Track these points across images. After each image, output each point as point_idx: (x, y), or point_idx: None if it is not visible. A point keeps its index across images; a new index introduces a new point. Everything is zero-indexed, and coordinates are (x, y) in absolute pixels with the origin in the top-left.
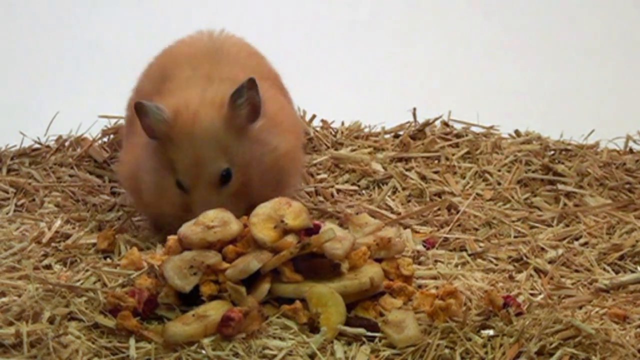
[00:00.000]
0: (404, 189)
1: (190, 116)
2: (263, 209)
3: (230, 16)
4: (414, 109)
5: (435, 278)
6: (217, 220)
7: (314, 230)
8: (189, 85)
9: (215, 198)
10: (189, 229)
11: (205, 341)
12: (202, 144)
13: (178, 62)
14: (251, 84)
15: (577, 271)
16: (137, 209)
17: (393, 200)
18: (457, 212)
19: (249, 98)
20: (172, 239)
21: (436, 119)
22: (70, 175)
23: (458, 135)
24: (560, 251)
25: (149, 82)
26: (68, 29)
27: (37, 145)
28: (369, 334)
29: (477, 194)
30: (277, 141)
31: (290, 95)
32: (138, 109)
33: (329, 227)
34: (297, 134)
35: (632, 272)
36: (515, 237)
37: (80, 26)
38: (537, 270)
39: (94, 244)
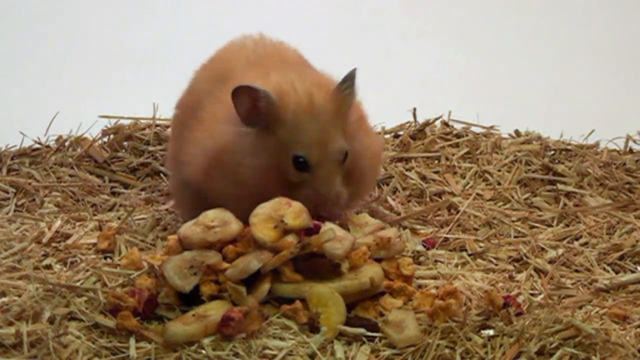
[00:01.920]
0: (404, 189)
1: (303, 96)
2: (263, 209)
3: (230, 16)
4: (414, 109)
5: (435, 278)
6: (217, 220)
7: (314, 230)
8: (284, 77)
9: (339, 177)
10: (189, 229)
11: (206, 341)
12: (326, 122)
13: (236, 62)
14: (351, 78)
15: (577, 271)
16: (210, 199)
17: (393, 200)
18: (457, 212)
19: (353, 89)
20: (172, 238)
21: (436, 119)
22: (70, 175)
23: (458, 135)
24: (560, 251)
25: (205, 82)
26: (68, 29)
27: (37, 145)
28: (369, 334)
29: (477, 194)
30: (371, 140)
31: None
32: (241, 92)
33: (329, 227)
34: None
35: (632, 272)
36: (515, 237)
37: (81, 26)
38: (537, 270)
39: (94, 244)
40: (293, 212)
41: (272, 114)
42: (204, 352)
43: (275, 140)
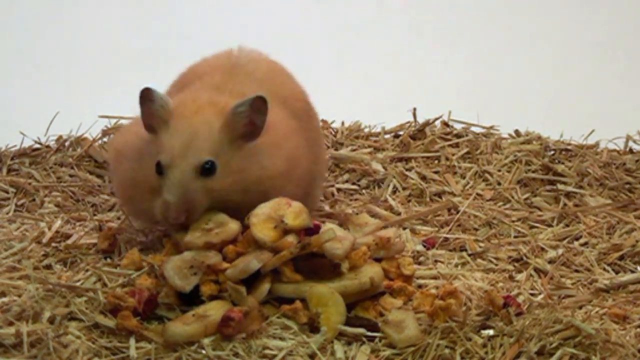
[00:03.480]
0: (404, 188)
1: (194, 109)
2: (263, 209)
3: (231, 17)
4: (414, 109)
5: (435, 278)
6: (211, 223)
7: (314, 230)
8: (197, 92)
9: (190, 184)
10: (191, 236)
11: (206, 341)
12: (197, 133)
13: (196, 75)
14: (258, 102)
15: (577, 271)
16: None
17: (394, 200)
18: (457, 212)
19: (251, 115)
20: (170, 242)
21: (436, 119)
22: (70, 175)
23: (458, 135)
24: (560, 251)
25: (170, 94)
26: (68, 29)
27: (37, 145)
28: (369, 334)
29: (477, 194)
30: (268, 163)
31: (316, 113)
32: (144, 95)
33: (329, 227)
34: (295, 161)
35: (632, 272)
36: (515, 237)
37: (81, 26)
38: (537, 270)
39: (94, 244)
40: (293, 212)
41: (164, 120)
42: (204, 352)
43: (156, 146)
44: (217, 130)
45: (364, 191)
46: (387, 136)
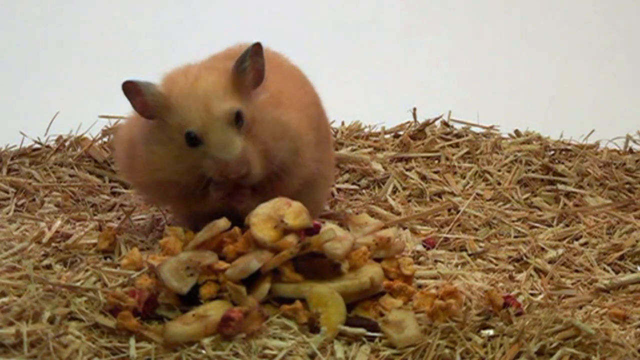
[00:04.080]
0: (404, 188)
1: (190, 79)
2: (263, 209)
3: (231, 16)
4: (414, 109)
5: (435, 278)
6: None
7: (314, 230)
8: (183, 68)
9: (235, 137)
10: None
11: (206, 341)
12: (208, 93)
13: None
14: (257, 48)
15: (577, 271)
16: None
17: (394, 200)
18: (457, 212)
19: (254, 62)
20: (167, 240)
21: (436, 119)
22: (70, 175)
23: (458, 135)
24: (560, 251)
25: None
26: (68, 29)
27: (37, 145)
28: (369, 334)
29: (477, 194)
30: (281, 114)
31: (327, 118)
32: (129, 89)
33: (329, 227)
34: (309, 120)
35: (632, 272)
36: (515, 237)
37: (81, 26)
38: (537, 270)
39: (94, 244)
40: (293, 212)
41: (160, 104)
42: (204, 352)
43: (170, 129)
44: (228, 85)
45: (364, 191)
46: (387, 136)
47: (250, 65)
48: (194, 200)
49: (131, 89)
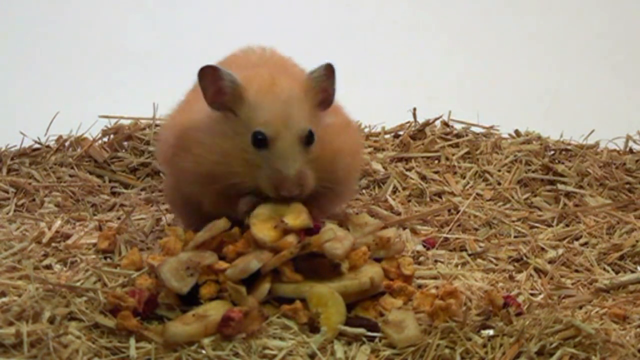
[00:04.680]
0: (404, 188)
1: (267, 80)
2: (263, 210)
3: (231, 16)
4: (414, 109)
5: (435, 278)
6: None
7: (314, 230)
8: (256, 70)
9: (300, 155)
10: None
11: (206, 341)
12: (287, 101)
13: (232, 68)
14: (329, 68)
15: (577, 271)
16: (174, 189)
17: (394, 200)
18: (457, 212)
19: (325, 82)
20: (167, 240)
21: (436, 119)
22: (70, 175)
23: (458, 135)
24: (560, 251)
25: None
26: (68, 30)
27: (37, 145)
28: (369, 334)
29: (477, 194)
30: (346, 138)
31: None
32: (207, 73)
33: (329, 227)
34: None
35: (632, 272)
36: (515, 237)
37: (81, 26)
38: (537, 270)
39: (94, 244)
40: (293, 212)
41: (236, 95)
42: (204, 352)
43: (238, 121)
44: (302, 96)
45: (364, 191)
46: (387, 136)
47: (320, 86)
48: (225, 202)
49: (210, 74)
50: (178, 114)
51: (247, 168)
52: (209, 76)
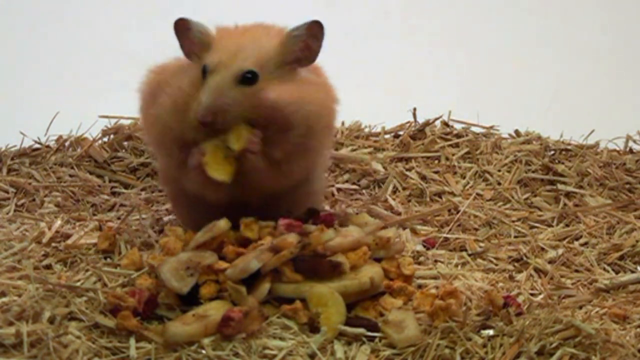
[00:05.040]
0: (404, 188)
1: (241, 30)
2: (209, 145)
3: (231, 18)
4: (414, 109)
5: (435, 278)
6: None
7: (325, 218)
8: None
9: (226, 89)
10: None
11: (206, 341)
12: (244, 45)
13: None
14: (315, 26)
15: (577, 271)
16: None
17: (394, 200)
18: (458, 212)
19: (308, 39)
20: (167, 240)
21: (436, 119)
22: (70, 175)
23: (458, 135)
24: (560, 251)
25: None
26: (68, 30)
27: (37, 145)
28: (369, 334)
29: (477, 194)
30: (322, 96)
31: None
32: (180, 25)
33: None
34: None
35: (632, 272)
36: (515, 237)
37: (81, 26)
38: (537, 270)
39: (94, 244)
40: (233, 135)
41: (205, 43)
42: (204, 352)
43: (202, 61)
44: (269, 48)
45: (364, 191)
46: (387, 136)
47: (302, 40)
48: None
49: (181, 26)
50: (151, 73)
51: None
52: (180, 28)
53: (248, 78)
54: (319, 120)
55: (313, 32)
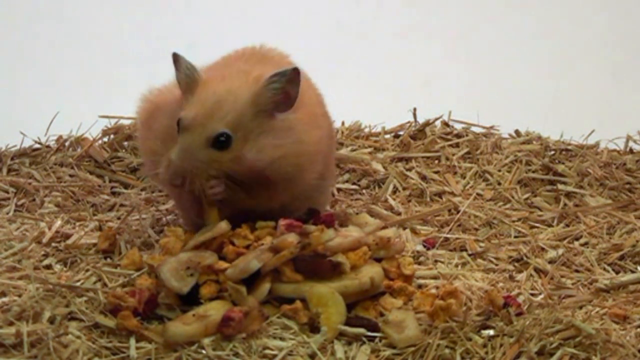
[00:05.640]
0: (404, 188)
1: (220, 80)
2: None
3: (231, 18)
4: (414, 109)
5: (435, 278)
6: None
7: (325, 218)
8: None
9: (198, 152)
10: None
11: (206, 341)
12: (220, 102)
13: (221, 63)
14: (292, 73)
15: (577, 271)
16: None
17: (394, 200)
18: (458, 212)
19: (286, 86)
20: (167, 240)
21: (436, 119)
22: (70, 175)
23: (458, 135)
24: (560, 251)
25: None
26: (68, 29)
27: (37, 145)
28: (369, 334)
29: (478, 194)
30: (305, 137)
31: (330, 119)
32: (174, 59)
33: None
34: (325, 144)
35: (632, 272)
36: (515, 237)
37: (81, 26)
38: (537, 270)
39: (94, 244)
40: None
41: (192, 84)
42: (204, 352)
43: (183, 106)
44: (244, 100)
45: (364, 191)
46: (387, 136)
47: (280, 88)
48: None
49: (174, 60)
50: (152, 92)
51: (169, 146)
52: (175, 62)
53: (222, 141)
54: (300, 169)
55: (291, 79)
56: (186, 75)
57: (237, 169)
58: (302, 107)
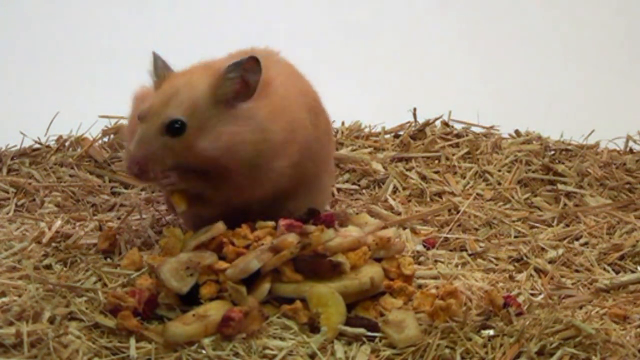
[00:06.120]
0: (404, 188)
1: (183, 73)
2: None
3: (231, 18)
4: (414, 109)
5: (435, 278)
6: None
7: (325, 218)
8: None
9: (152, 141)
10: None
11: (206, 341)
12: (176, 92)
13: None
14: (251, 62)
15: (577, 271)
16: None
17: (394, 200)
18: (458, 212)
19: (244, 75)
20: (167, 241)
21: (436, 119)
22: (70, 175)
23: (458, 135)
24: (560, 251)
25: None
26: (68, 29)
27: (37, 145)
28: (369, 334)
29: (478, 194)
30: (267, 126)
31: (327, 115)
32: (153, 59)
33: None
34: (295, 132)
35: (632, 272)
36: (515, 237)
37: (80, 26)
38: (537, 270)
39: (95, 244)
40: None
41: (162, 79)
42: (204, 352)
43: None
44: (201, 90)
45: (364, 191)
46: (387, 136)
47: (238, 78)
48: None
49: (154, 57)
50: (140, 94)
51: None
52: (153, 59)
53: (176, 128)
54: (263, 157)
55: (249, 68)
56: (157, 73)
57: (191, 158)
58: (268, 97)
